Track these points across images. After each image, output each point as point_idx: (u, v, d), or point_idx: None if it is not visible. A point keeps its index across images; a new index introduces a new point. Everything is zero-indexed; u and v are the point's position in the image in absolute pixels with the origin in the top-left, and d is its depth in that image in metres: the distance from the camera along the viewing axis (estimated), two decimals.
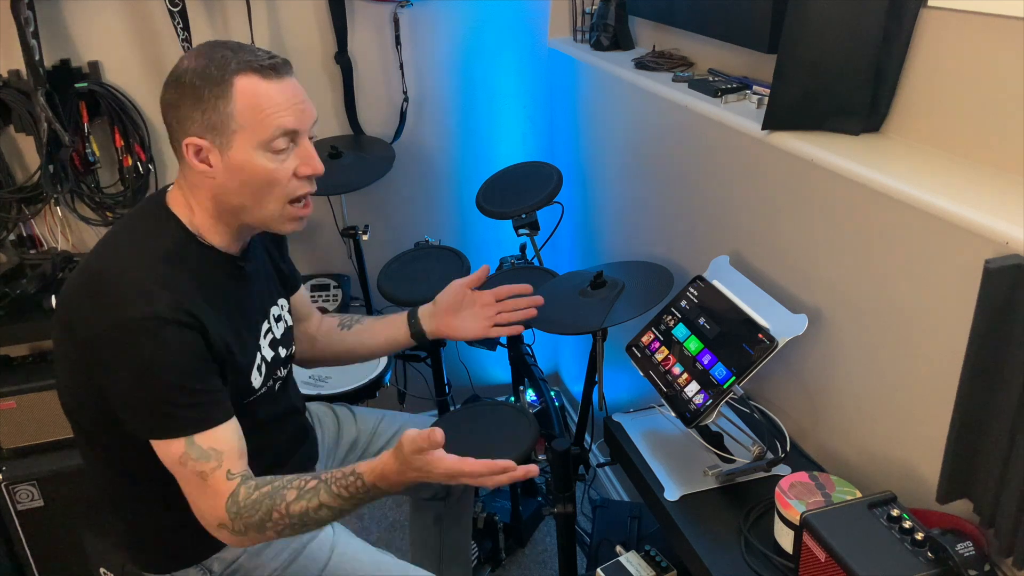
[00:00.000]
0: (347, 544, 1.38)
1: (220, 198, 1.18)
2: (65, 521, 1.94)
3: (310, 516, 1.13)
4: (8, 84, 1.89)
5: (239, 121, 1.12)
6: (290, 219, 1.21)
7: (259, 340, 1.31)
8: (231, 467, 1.13)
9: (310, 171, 1.18)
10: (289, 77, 1.16)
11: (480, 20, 2.26)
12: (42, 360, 2.03)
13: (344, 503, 1.15)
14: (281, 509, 1.12)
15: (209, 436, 1.13)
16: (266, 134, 1.13)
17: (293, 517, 1.13)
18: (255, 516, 1.12)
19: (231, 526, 1.13)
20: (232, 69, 1.11)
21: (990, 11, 0.99)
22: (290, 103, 1.15)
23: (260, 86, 1.12)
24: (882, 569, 0.90)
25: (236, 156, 1.14)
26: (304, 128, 1.17)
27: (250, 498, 1.12)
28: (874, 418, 1.19)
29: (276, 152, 1.15)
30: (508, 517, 2.18)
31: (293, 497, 1.13)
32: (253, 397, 1.31)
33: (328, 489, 1.14)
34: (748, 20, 1.44)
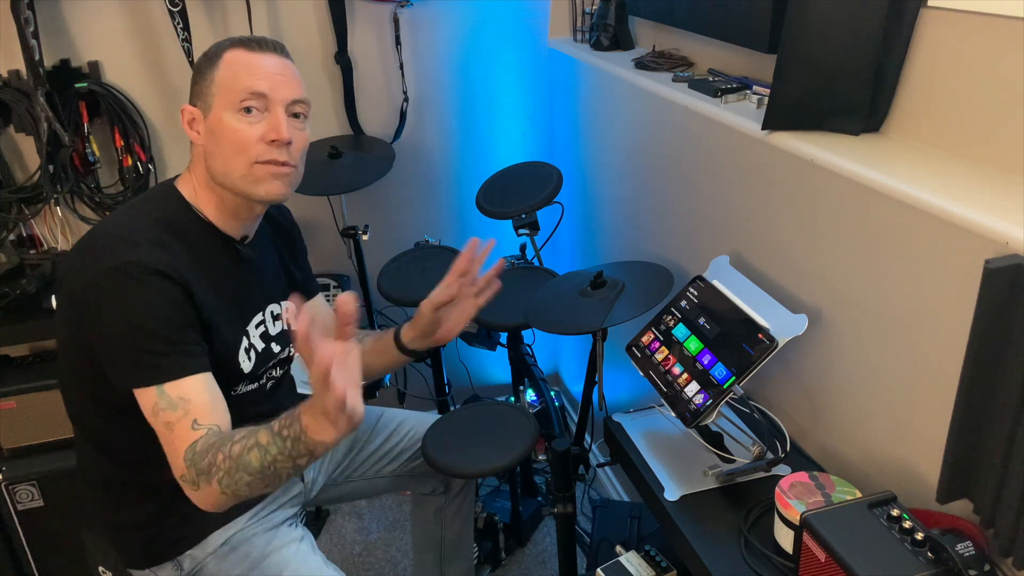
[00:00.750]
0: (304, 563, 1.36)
1: (208, 166, 1.23)
2: (65, 521, 1.94)
3: (243, 457, 1.06)
4: (8, 84, 1.89)
5: (218, 84, 1.21)
6: (258, 179, 1.22)
7: (247, 326, 1.32)
8: (198, 417, 1.12)
9: (274, 135, 1.20)
10: (275, 54, 1.24)
11: (480, 20, 2.26)
12: (42, 360, 2.03)
13: (272, 441, 1.05)
14: (225, 451, 1.07)
15: (179, 385, 1.12)
16: (235, 94, 1.19)
17: (231, 458, 1.07)
18: (203, 461, 1.08)
19: (187, 476, 1.10)
20: (226, 46, 1.23)
21: (990, 11, 0.99)
22: (266, 71, 1.21)
23: (243, 56, 1.22)
24: (882, 569, 0.90)
25: (213, 119, 1.21)
26: (277, 97, 1.21)
27: (206, 443, 1.10)
28: (874, 418, 1.19)
29: (243, 112, 1.20)
30: (508, 517, 2.18)
31: (238, 438, 1.08)
32: (243, 389, 1.32)
33: (267, 426, 1.08)
34: (748, 20, 1.44)
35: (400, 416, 1.68)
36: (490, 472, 1.47)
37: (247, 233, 1.33)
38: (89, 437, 1.29)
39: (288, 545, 1.38)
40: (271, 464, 1.06)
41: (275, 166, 1.22)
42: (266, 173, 1.22)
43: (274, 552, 1.36)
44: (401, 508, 2.40)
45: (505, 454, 1.41)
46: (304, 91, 1.26)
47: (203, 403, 1.14)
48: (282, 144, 1.21)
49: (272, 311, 1.39)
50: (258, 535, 1.37)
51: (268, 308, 1.38)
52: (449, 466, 1.41)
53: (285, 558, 1.36)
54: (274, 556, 1.35)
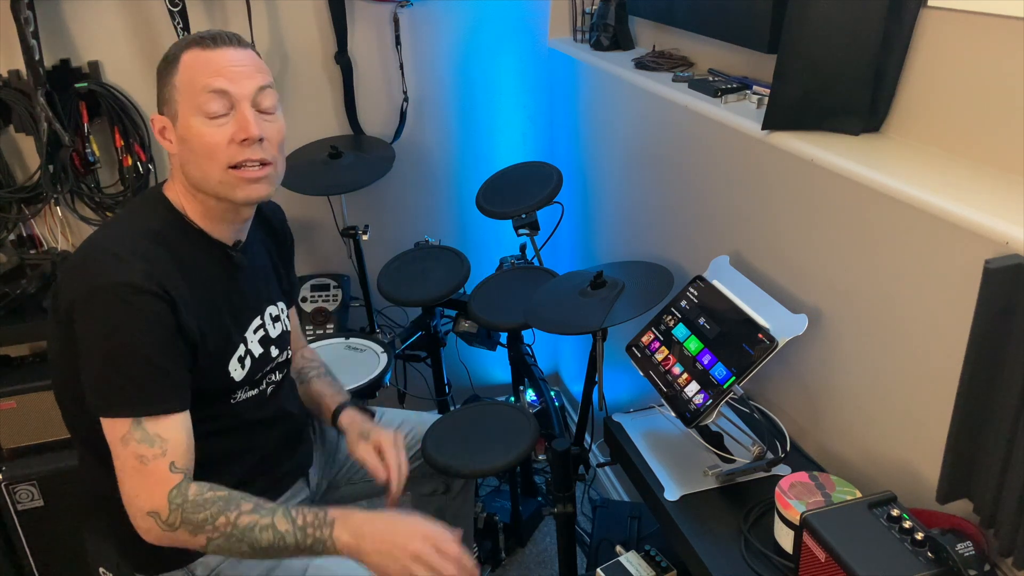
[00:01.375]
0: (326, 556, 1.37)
1: (186, 172, 1.21)
2: (65, 521, 1.94)
3: (252, 534, 1.09)
4: (8, 84, 1.89)
5: (180, 90, 1.17)
6: (234, 184, 1.19)
7: (245, 332, 1.31)
8: (175, 460, 1.11)
9: (243, 135, 1.16)
10: (231, 46, 1.19)
11: (480, 20, 2.26)
12: (42, 360, 2.03)
13: (292, 531, 1.09)
14: (231, 516, 1.09)
15: (158, 422, 1.10)
16: (198, 96, 1.16)
17: (237, 528, 1.08)
18: (199, 515, 1.08)
19: (165, 517, 1.08)
20: (182, 47, 1.19)
21: (990, 11, 0.99)
22: (223, 67, 1.17)
23: (198, 56, 1.17)
24: (882, 569, 0.90)
25: (181, 125, 1.18)
26: (240, 92, 1.17)
27: (202, 495, 1.10)
28: (874, 418, 1.19)
29: (211, 117, 1.16)
30: (508, 517, 2.18)
31: (248, 509, 1.10)
32: (241, 396, 1.30)
33: (285, 511, 1.11)
34: (748, 20, 1.44)
35: (400, 416, 1.68)
36: (490, 472, 1.47)
37: (239, 237, 1.31)
38: (88, 447, 1.27)
39: None
40: (280, 549, 1.10)
41: (251, 169, 1.19)
42: (242, 178, 1.19)
43: None
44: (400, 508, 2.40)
45: (505, 454, 1.41)
46: (269, 77, 1.22)
47: (179, 444, 1.12)
48: (254, 142, 1.18)
49: (271, 313, 1.38)
50: None
51: (267, 311, 1.37)
52: (449, 466, 1.41)
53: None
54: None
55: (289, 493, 1.44)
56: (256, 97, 1.19)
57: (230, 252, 1.28)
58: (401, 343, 2.05)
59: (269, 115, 1.22)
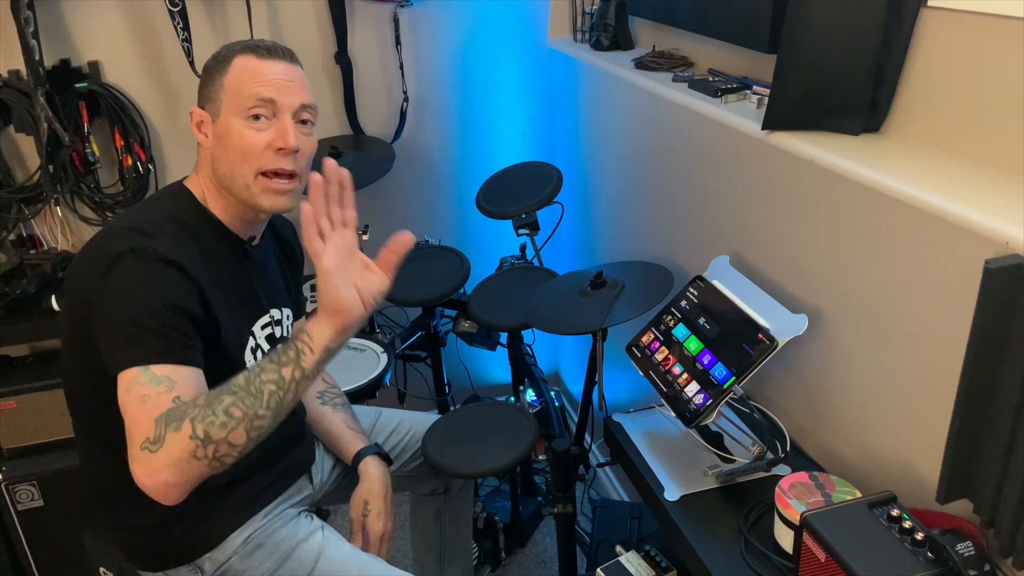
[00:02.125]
0: (335, 547, 1.38)
1: (215, 169, 1.24)
2: (65, 521, 1.94)
3: (223, 387, 1.03)
4: (8, 84, 1.89)
5: (227, 90, 1.22)
6: (263, 191, 1.23)
7: (253, 326, 1.33)
8: (181, 395, 1.04)
9: (281, 143, 1.21)
10: (284, 61, 1.24)
11: (480, 20, 2.26)
12: (42, 360, 2.03)
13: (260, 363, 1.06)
14: (200, 400, 1.02)
15: (168, 368, 1.06)
16: (244, 101, 1.20)
17: (209, 395, 1.03)
18: (176, 412, 1.01)
19: (151, 437, 0.99)
20: (236, 50, 1.24)
21: (990, 11, 0.99)
22: (274, 78, 1.22)
23: (252, 62, 1.22)
24: (882, 569, 0.90)
25: (221, 124, 1.22)
26: (285, 103, 1.22)
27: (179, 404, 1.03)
28: (874, 418, 1.19)
29: (251, 119, 1.20)
30: (508, 517, 2.18)
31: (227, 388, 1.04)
32: None
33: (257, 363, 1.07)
34: (748, 20, 1.44)
35: (399, 416, 1.68)
36: (490, 472, 1.47)
37: (254, 234, 1.35)
38: (94, 439, 1.28)
39: (313, 534, 1.38)
40: (256, 377, 1.04)
41: (280, 181, 1.23)
42: (270, 187, 1.23)
43: (302, 542, 1.36)
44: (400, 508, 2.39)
45: (505, 454, 1.41)
46: (312, 97, 1.27)
47: (188, 389, 1.06)
48: (289, 152, 1.22)
49: (275, 315, 1.39)
50: (279, 529, 1.36)
51: (271, 312, 1.38)
52: (449, 466, 1.41)
53: (314, 546, 1.36)
54: (303, 546, 1.35)
55: (293, 489, 1.45)
56: (298, 111, 1.24)
57: (246, 246, 1.32)
58: (401, 343, 2.05)
59: (306, 130, 1.27)
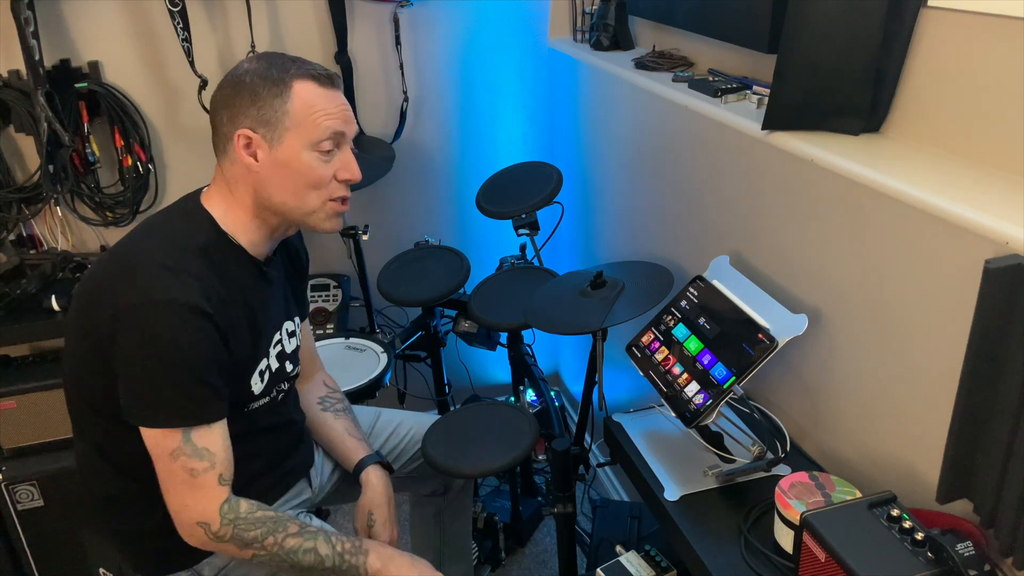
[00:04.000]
0: None
1: (261, 193, 1.23)
2: (65, 521, 1.94)
3: (296, 556, 1.20)
4: (8, 84, 1.89)
5: (293, 119, 1.19)
6: (330, 215, 1.27)
7: (269, 348, 1.33)
8: (223, 472, 1.17)
9: (348, 176, 1.25)
10: (338, 89, 1.26)
11: (480, 20, 2.26)
12: (42, 360, 2.03)
13: (332, 555, 1.22)
14: (278, 538, 1.18)
15: (204, 435, 1.15)
16: (317, 134, 1.20)
17: (283, 549, 1.19)
18: (250, 532, 1.17)
19: (216, 530, 1.15)
20: (292, 73, 1.20)
21: (990, 11, 0.99)
22: (340, 110, 1.23)
23: (316, 91, 1.21)
24: (882, 569, 0.90)
25: (284, 152, 1.20)
26: (349, 133, 1.26)
27: (253, 514, 1.18)
28: (874, 418, 1.19)
29: (322, 152, 1.22)
30: (508, 517, 2.18)
31: (294, 531, 1.20)
32: (256, 405, 1.31)
33: (327, 537, 1.22)
34: (748, 20, 1.44)
35: (399, 417, 1.68)
36: (490, 472, 1.47)
37: (269, 253, 1.33)
38: (93, 447, 1.28)
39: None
40: (317, 570, 1.21)
41: (342, 204, 1.27)
42: (338, 209, 1.27)
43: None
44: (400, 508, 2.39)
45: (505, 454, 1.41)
46: None
47: (224, 457, 1.18)
48: (357, 180, 1.26)
49: (287, 328, 1.39)
50: None
51: (284, 326, 1.38)
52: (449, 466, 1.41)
53: None
54: None
55: (292, 492, 1.45)
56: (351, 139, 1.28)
57: (263, 268, 1.30)
58: (401, 343, 2.05)
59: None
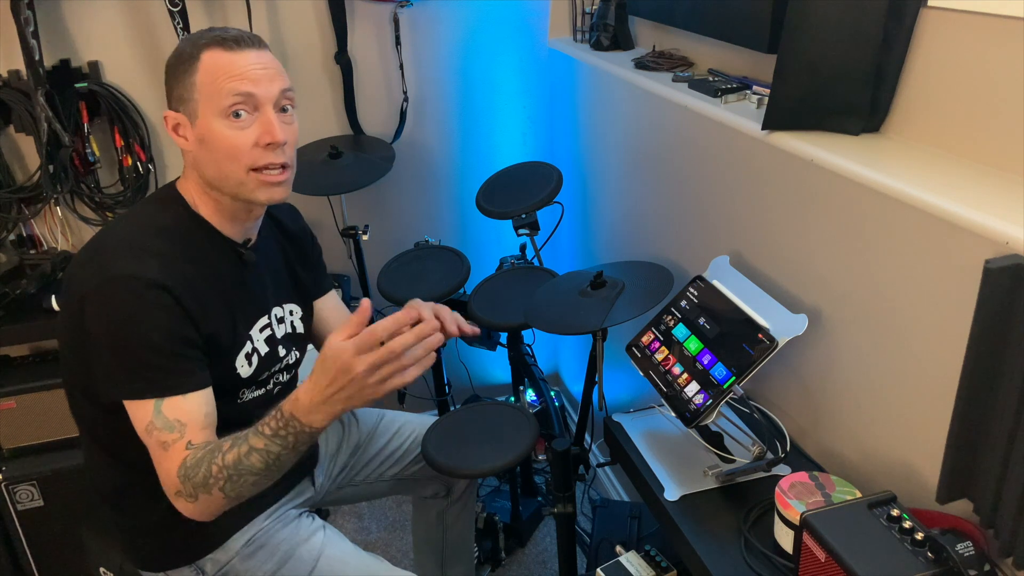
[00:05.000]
0: (336, 547, 1.39)
1: (199, 170, 1.23)
2: (65, 521, 1.94)
3: (242, 463, 1.11)
4: (8, 84, 1.89)
5: (201, 90, 1.16)
6: (255, 187, 1.20)
7: (251, 330, 1.32)
8: (192, 438, 1.14)
9: (269, 139, 1.17)
10: (253, 48, 1.19)
11: (480, 20, 2.26)
12: (42, 360, 2.03)
13: (269, 443, 1.11)
14: (218, 462, 1.11)
15: (176, 405, 1.14)
16: (222, 100, 1.15)
17: (228, 467, 1.11)
18: (198, 475, 1.12)
19: (183, 491, 1.13)
20: (201, 44, 1.17)
21: (990, 11, 0.99)
22: (248, 69, 1.16)
23: (220, 57, 1.16)
24: (882, 569, 0.90)
25: (201, 125, 1.18)
26: (264, 95, 1.18)
27: (194, 458, 1.13)
28: (874, 418, 1.19)
29: (234, 119, 1.16)
30: (508, 517, 2.18)
31: (228, 447, 1.12)
32: (250, 395, 1.31)
33: (255, 430, 1.13)
34: (748, 20, 1.44)
35: (401, 419, 1.68)
36: (490, 472, 1.47)
37: (249, 236, 1.32)
38: (96, 441, 1.28)
39: (314, 534, 1.39)
40: (276, 460, 1.12)
41: (272, 173, 1.20)
42: (264, 181, 1.20)
43: (303, 542, 1.36)
44: (401, 508, 2.40)
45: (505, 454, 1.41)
46: (288, 79, 1.22)
47: (197, 423, 1.15)
48: (278, 146, 1.19)
49: (276, 314, 1.38)
50: (280, 530, 1.37)
51: (273, 311, 1.38)
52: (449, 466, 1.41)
53: (316, 545, 1.37)
54: (304, 546, 1.36)
55: (294, 492, 1.45)
56: (278, 99, 1.20)
57: (240, 250, 1.30)
58: None
59: (288, 118, 1.22)
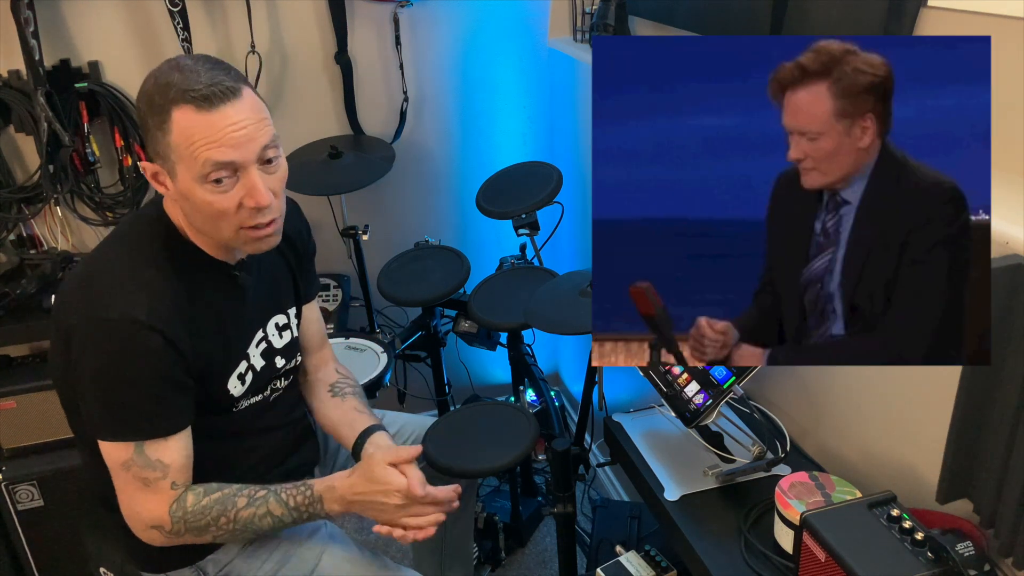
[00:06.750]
0: (337, 546, 1.38)
1: (188, 216, 1.19)
2: (65, 521, 1.94)
3: (254, 524, 1.19)
4: (8, 84, 1.89)
5: (177, 152, 1.09)
6: (248, 242, 1.17)
7: (247, 348, 1.30)
8: (176, 479, 1.17)
9: (253, 203, 1.12)
10: (228, 104, 1.08)
11: (480, 20, 2.26)
12: (42, 360, 2.03)
13: (287, 512, 1.20)
14: (230, 515, 1.17)
15: (158, 447, 1.15)
16: (199, 168, 1.08)
17: (239, 523, 1.18)
18: (201, 521, 1.16)
19: (169, 528, 1.17)
20: (171, 98, 1.07)
21: (990, 11, 0.99)
22: (224, 134, 1.07)
23: (193, 119, 1.07)
24: (882, 569, 0.90)
25: (181, 185, 1.12)
26: (244, 158, 1.10)
27: (199, 504, 1.16)
28: (874, 418, 1.19)
29: (215, 183, 1.10)
30: (508, 517, 2.18)
31: (243, 504, 1.18)
32: (244, 405, 1.31)
33: (277, 497, 1.20)
34: (748, 20, 1.44)
35: (401, 420, 1.68)
36: (490, 472, 1.48)
37: (241, 256, 1.28)
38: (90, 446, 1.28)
39: (316, 532, 1.39)
40: (281, 527, 1.22)
41: (262, 229, 1.16)
42: (256, 235, 1.17)
43: (304, 541, 1.36)
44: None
45: (505, 454, 1.41)
46: (270, 126, 1.13)
47: (179, 465, 1.17)
48: (264, 208, 1.13)
49: (277, 323, 1.37)
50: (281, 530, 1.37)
51: (271, 322, 1.36)
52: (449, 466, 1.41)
53: (317, 544, 1.36)
54: (307, 544, 1.36)
55: None
56: (261, 156, 1.12)
57: (233, 272, 1.27)
58: (401, 343, 2.05)
59: (272, 168, 1.15)
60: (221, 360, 1.24)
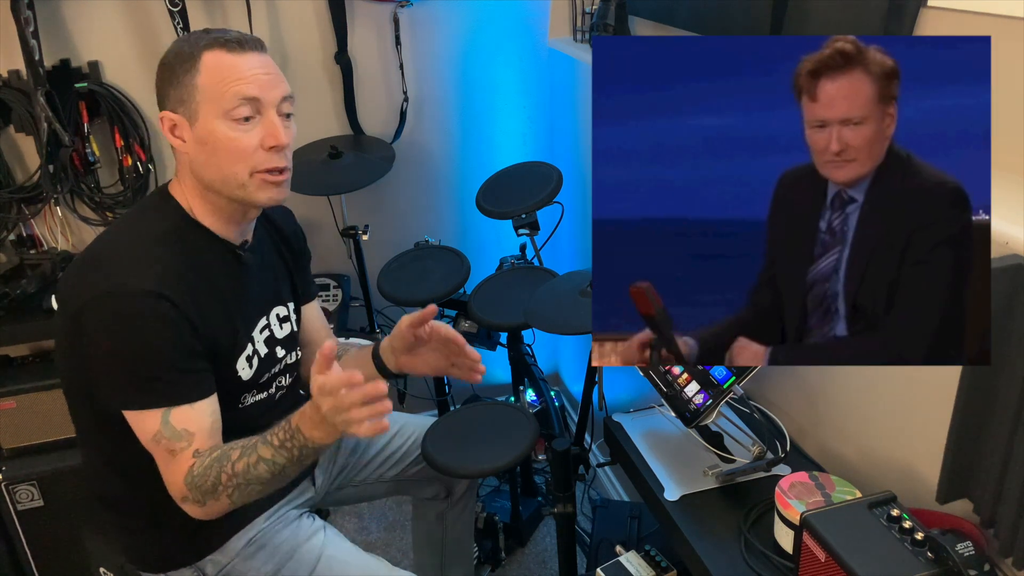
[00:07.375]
0: (336, 547, 1.39)
1: (196, 173, 1.22)
2: (65, 521, 1.94)
3: (251, 473, 1.14)
4: (8, 84, 1.89)
5: (203, 92, 1.16)
6: (258, 187, 1.21)
7: (252, 332, 1.32)
8: (199, 446, 1.17)
9: (273, 142, 1.18)
10: (255, 52, 1.19)
11: (480, 20, 2.26)
12: (42, 360, 2.03)
13: (276, 454, 1.14)
14: (228, 470, 1.14)
15: (184, 415, 1.16)
16: (227, 102, 1.15)
17: (238, 476, 1.14)
18: (207, 482, 1.14)
19: (191, 496, 1.16)
20: (202, 45, 1.17)
21: (990, 11, 0.99)
22: (252, 74, 1.17)
23: (224, 59, 1.16)
24: (882, 569, 0.90)
25: (201, 128, 1.17)
26: (267, 98, 1.18)
27: (202, 466, 1.15)
28: (874, 418, 1.19)
29: (238, 121, 1.16)
30: (508, 517, 2.18)
31: (236, 456, 1.15)
32: (251, 399, 1.32)
33: (264, 440, 1.16)
34: (748, 20, 1.44)
35: (401, 420, 1.68)
36: (490, 472, 1.48)
37: (246, 237, 1.32)
38: (93, 446, 1.29)
39: (315, 534, 1.39)
40: (281, 471, 1.15)
41: (274, 175, 1.21)
42: (266, 181, 1.21)
43: (304, 542, 1.37)
44: (401, 508, 2.40)
45: (505, 454, 1.41)
46: (288, 85, 1.23)
47: (204, 431, 1.17)
48: (282, 149, 1.20)
49: (278, 313, 1.39)
50: (280, 531, 1.37)
51: (273, 311, 1.38)
52: (449, 466, 1.41)
53: (316, 545, 1.37)
54: (305, 546, 1.36)
55: (295, 492, 1.45)
56: (281, 104, 1.21)
57: (238, 251, 1.29)
58: None
59: (288, 123, 1.23)
60: (228, 338, 1.26)
